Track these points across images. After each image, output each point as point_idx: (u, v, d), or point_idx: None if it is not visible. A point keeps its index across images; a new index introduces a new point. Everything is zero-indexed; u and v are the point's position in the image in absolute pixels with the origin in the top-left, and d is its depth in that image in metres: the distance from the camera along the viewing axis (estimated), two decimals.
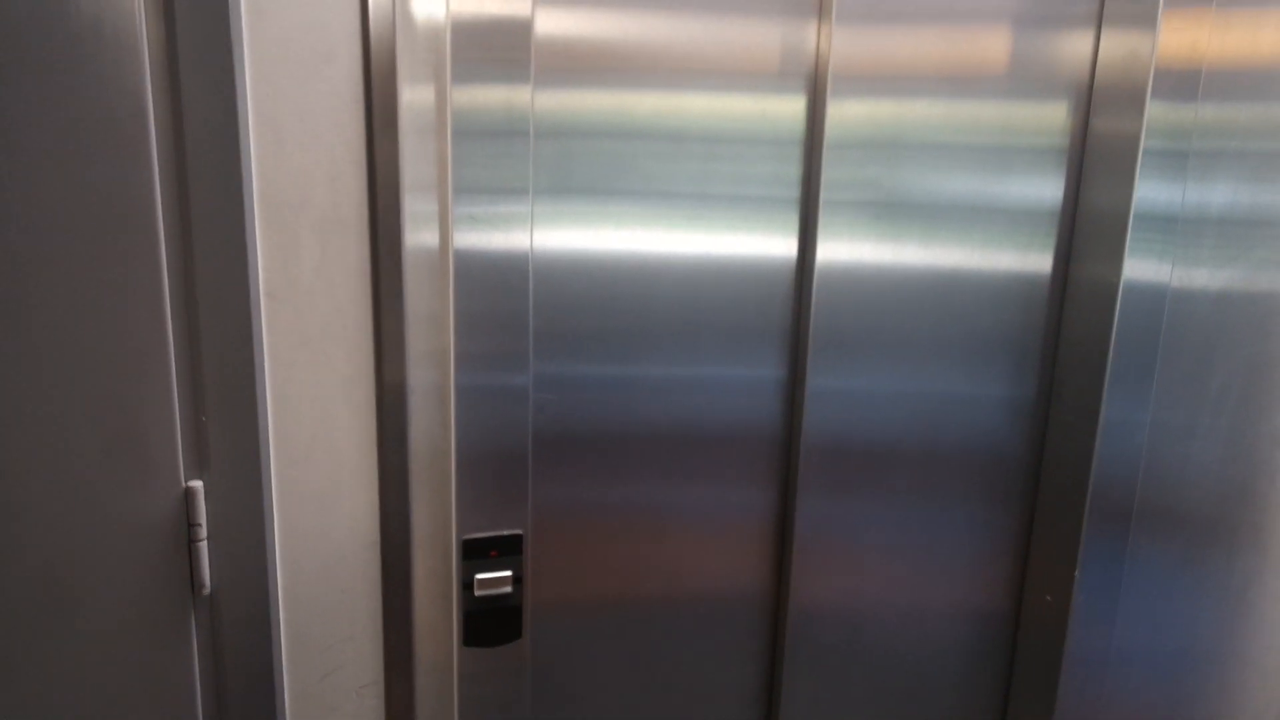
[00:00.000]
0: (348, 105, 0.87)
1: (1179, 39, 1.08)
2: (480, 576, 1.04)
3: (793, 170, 1.11)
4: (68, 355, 0.84)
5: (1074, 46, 1.13)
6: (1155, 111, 1.09)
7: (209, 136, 0.83)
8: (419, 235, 0.96)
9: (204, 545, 0.94)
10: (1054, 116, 1.15)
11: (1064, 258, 1.19)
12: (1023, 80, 1.13)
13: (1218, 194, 1.15)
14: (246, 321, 0.88)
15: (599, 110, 1.03)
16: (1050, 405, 1.23)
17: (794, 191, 1.11)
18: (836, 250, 1.12)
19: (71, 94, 0.79)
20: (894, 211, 1.13)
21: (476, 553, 1.04)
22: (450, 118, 0.94)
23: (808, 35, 1.08)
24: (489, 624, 1.07)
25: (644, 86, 1.04)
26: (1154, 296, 1.14)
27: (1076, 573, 1.19)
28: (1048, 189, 1.16)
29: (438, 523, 1.03)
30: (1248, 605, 1.29)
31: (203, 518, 0.93)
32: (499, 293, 1.00)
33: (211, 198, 0.84)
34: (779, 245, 1.12)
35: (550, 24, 0.99)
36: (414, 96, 0.93)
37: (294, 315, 0.90)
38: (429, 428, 1.00)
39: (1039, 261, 1.19)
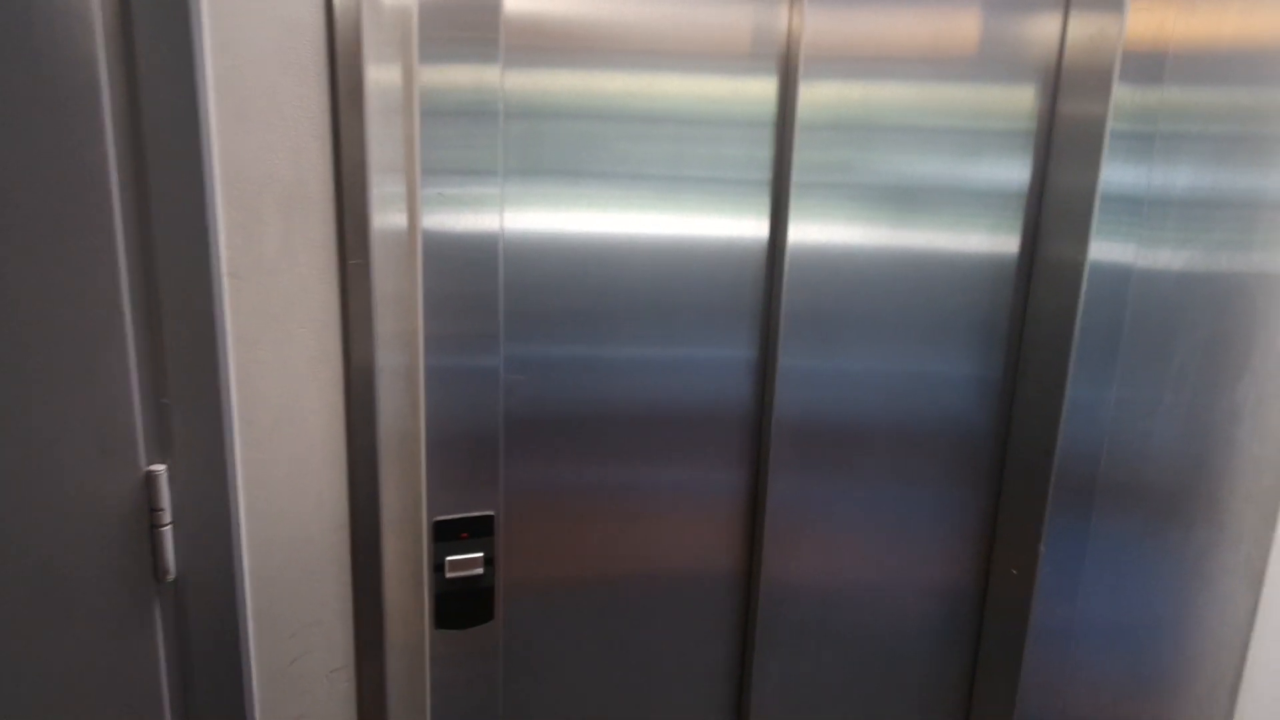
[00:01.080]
0: (312, 80, 0.85)
1: (1145, 22, 1.09)
2: (451, 558, 1.04)
3: (765, 152, 1.11)
4: (19, 339, 0.82)
5: (1042, 29, 1.14)
6: (1122, 94, 1.10)
7: (167, 110, 0.81)
8: (387, 214, 0.94)
9: (167, 531, 0.92)
10: (1022, 99, 1.16)
11: (1031, 238, 1.20)
12: (992, 63, 1.13)
13: (1181, 176, 1.17)
14: (208, 300, 0.86)
15: (570, 90, 1.02)
16: (1017, 384, 1.24)
17: (766, 173, 1.11)
18: (808, 231, 1.13)
19: (18, 67, 0.76)
20: (865, 193, 1.13)
21: (447, 534, 1.03)
22: (418, 96, 0.93)
23: (779, 16, 1.07)
24: (461, 606, 1.06)
25: (615, 67, 1.03)
26: (1119, 277, 1.16)
27: (1041, 547, 1.22)
28: (1016, 171, 1.17)
29: (408, 504, 1.02)
30: (1204, 577, 1.32)
31: (165, 502, 0.91)
32: (468, 273, 0.99)
33: (170, 173, 0.82)
34: (751, 227, 1.12)
35: (520, 2, 0.98)
36: (380, 74, 0.91)
37: (258, 294, 0.89)
38: (398, 408, 0.99)
39: (1007, 242, 1.20)
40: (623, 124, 1.05)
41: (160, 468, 0.90)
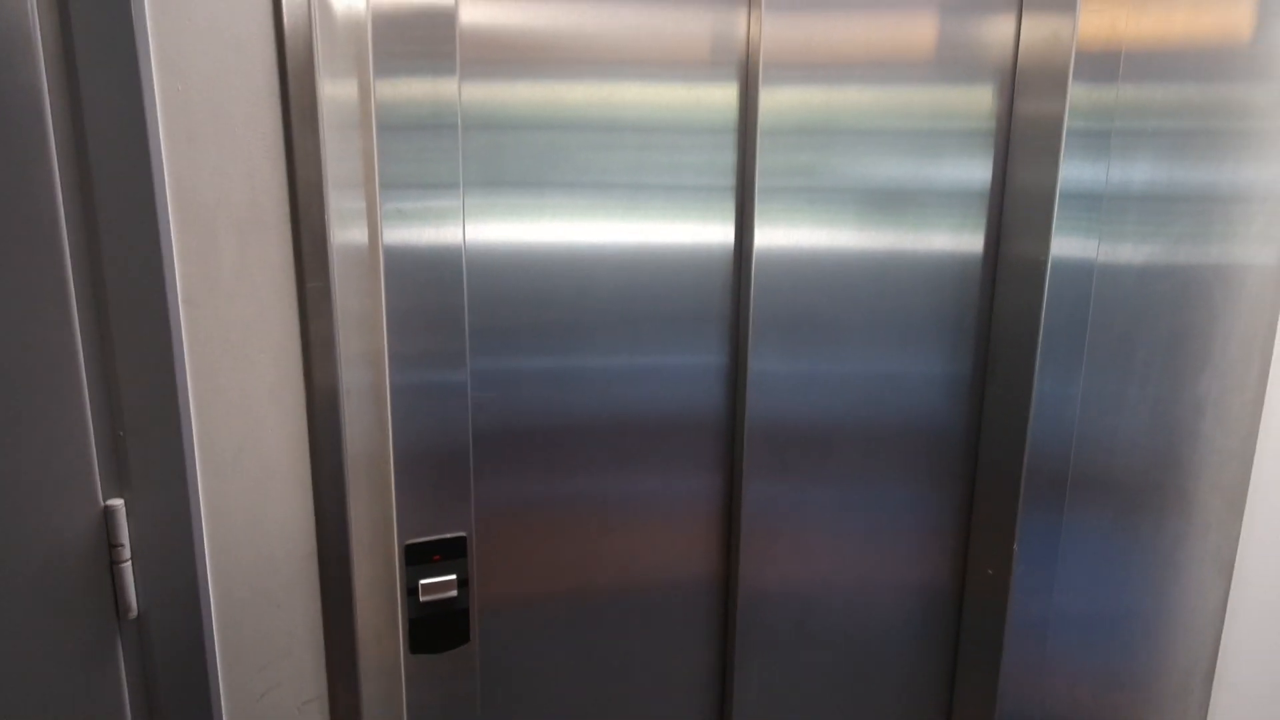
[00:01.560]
0: (263, 99, 0.84)
1: (1098, 22, 1.10)
2: (424, 582, 1.02)
3: (727, 158, 1.10)
4: None
5: (997, 31, 1.15)
6: (1077, 93, 1.11)
7: (114, 134, 0.78)
8: (346, 232, 0.93)
9: (128, 566, 0.89)
10: (980, 100, 1.17)
11: (995, 237, 1.21)
12: (949, 65, 1.14)
13: (1139, 172, 1.18)
14: (164, 328, 0.84)
15: (529, 101, 1.01)
16: (986, 382, 1.25)
17: (729, 179, 1.11)
18: (773, 236, 1.12)
19: None
20: (829, 196, 1.14)
21: (419, 557, 1.02)
22: (375, 111, 0.91)
23: (738, 23, 1.07)
24: (436, 630, 1.04)
25: (574, 76, 1.02)
26: (1081, 273, 1.17)
27: (1015, 546, 1.22)
28: (977, 170, 1.18)
29: (378, 528, 1.00)
30: (1176, 567, 1.34)
31: (125, 537, 0.88)
32: (432, 289, 0.97)
33: (120, 199, 0.80)
34: (716, 233, 1.12)
35: (476, 14, 0.97)
36: (335, 90, 0.89)
37: (215, 320, 0.86)
38: (365, 430, 0.97)
39: (971, 241, 1.20)
40: (584, 133, 1.04)
41: (118, 502, 0.88)
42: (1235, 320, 1.27)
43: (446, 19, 0.92)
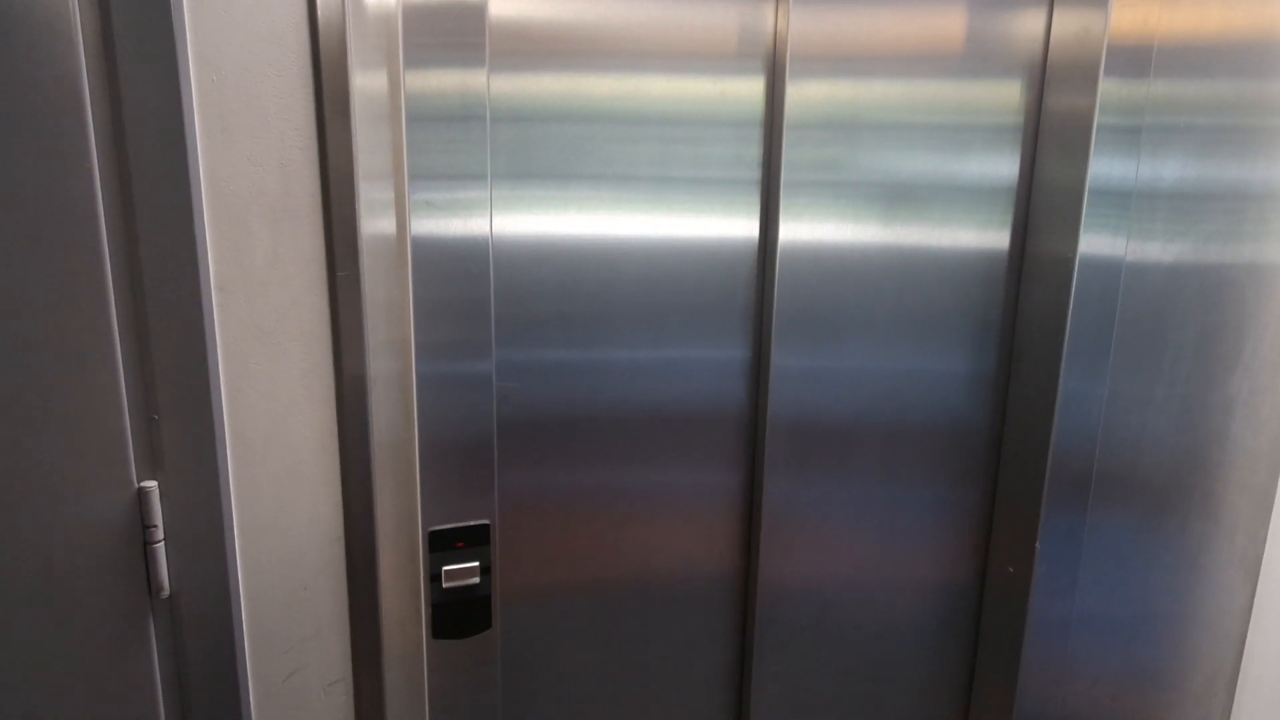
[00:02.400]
0: (297, 90, 0.85)
1: (1130, 16, 1.09)
2: (448, 568, 1.03)
3: (753, 151, 1.10)
4: (7, 358, 0.81)
5: (1028, 24, 1.14)
6: (1108, 88, 1.10)
7: (151, 125, 0.80)
8: (375, 223, 0.94)
9: (161, 547, 0.91)
10: (1009, 94, 1.16)
11: (1021, 233, 1.20)
12: (978, 59, 1.13)
13: (1169, 169, 1.17)
14: (198, 315, 0.85)
15: (557, 94, 1.02)
16: (1010, 379, 1.24)
17: (755, 172, 1.11)
18: (798, 230, 1.12)
19: (1, 86, 0.76)
20: (854, 191, 1.13)
21: (443, 544, 1.03)
22: (404, 103, 0.92)
23: (766, 16, 1.07)
24: (458, 615, 1.06)
25: (602, 69, 1.02)
26: (1109, 270, 1.16)
27: (1037, 544, 1.22)
28: (1004, 166, 1.17)
29: (403, 515, 1.01)
30: (1201, 570, 1.32)
31: (159, 519, 0.90)
32: (459, 280, 0.98)
33: (156, 189, 0.81)
34: (741, 226, 1.12)
35: (506, 6, 0.97)
36: (366, 81, 0.90)
37: (247, 308, 0.88)
38: (391, 419, 0.98)
39: (997, 238, 1.20)
40: (611, 126, 1.04)
41: (152, 484, 0.90)
42: (1267, 320, 1.25)
43: (476, 11, 0.93)
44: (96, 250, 0.81)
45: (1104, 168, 1.12)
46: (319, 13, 0.84)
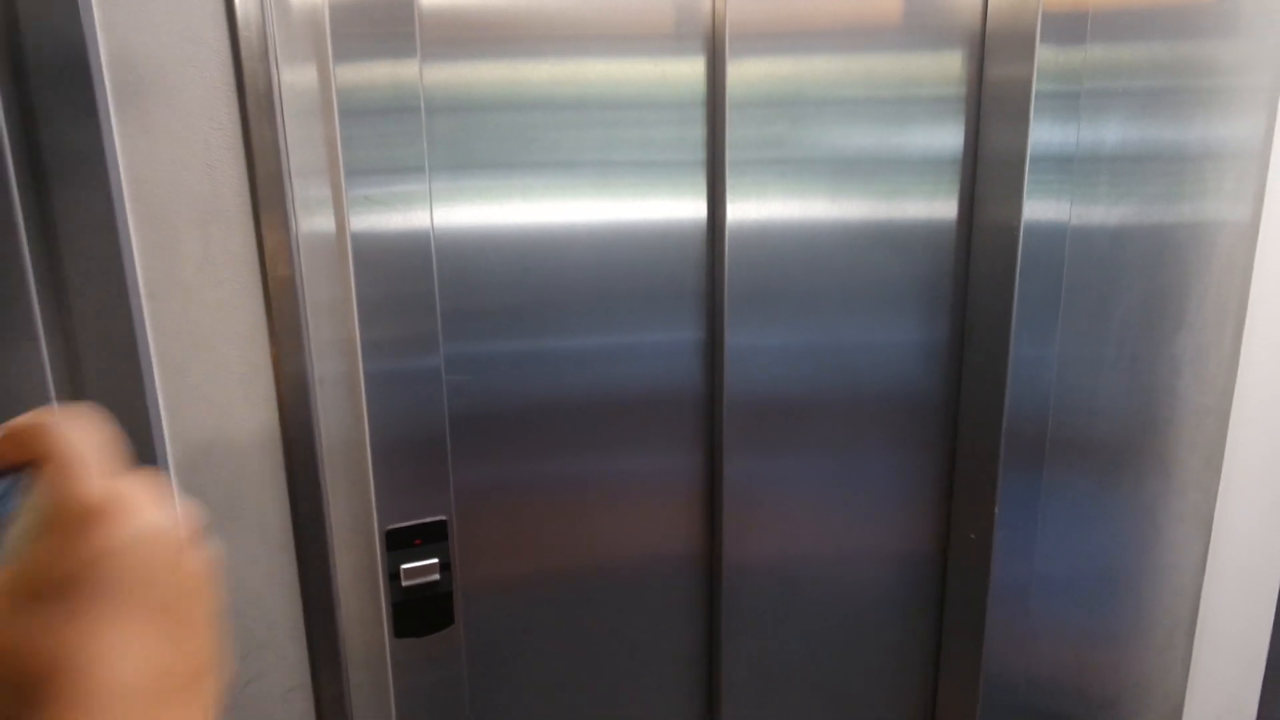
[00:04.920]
0: (219, 89, 0.83)
1: None
2: (406, 566, 1.02)
3: (697, 132, 1.10)
4: None
5: None
6: (1045, 55, 1.10)
7: (67, 130, 0.78)
8: (312, 221, 0.92)
9: None
10: (950, 65, 1.16)
11: (968, 203, 1.21)
12: (917, 31, 1.13)
13: (1110, 133, 1.18)
14: (129, 326, 0.83)
15: (494, 82, 1.00)
16: (963, 348, 1.25)
17: (700, 153, 1.11)
18: (746, 209, 1.12)
19: None
20: (801, 167, 1.13)
21: (400, 543, 1.02)
22: (336, 97, 0.90)
23: None
24: (419, 613, 1.05)
25: (539, 55, 1.01)
26: (1054, 236, 1.17)
27: (996, 510, 1.23)
28: (948, 136, 1.18)
29: (357, 515, 1.00)
30: (1156, 527, 1.35)
31: None
32: (402, 275, 0.97)
33: (76, 197, 0.79)
34: (689, 208, 1.12)
35: None
36: (294, 77, 0.88)
37: (180, 315, 0.86)
38: (340, 419, 0.97)
39: (944, 208, 1.20)
40: (551, 112, 1.03)
41: None
42: (1209, 278, 1.27)
43: (404, 2, 0.91)
44: (19, 265, 0.78)
45: (1045, 134, 1.13)
46: (237, 8, 0.82)
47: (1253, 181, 1.25)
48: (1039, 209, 1.15)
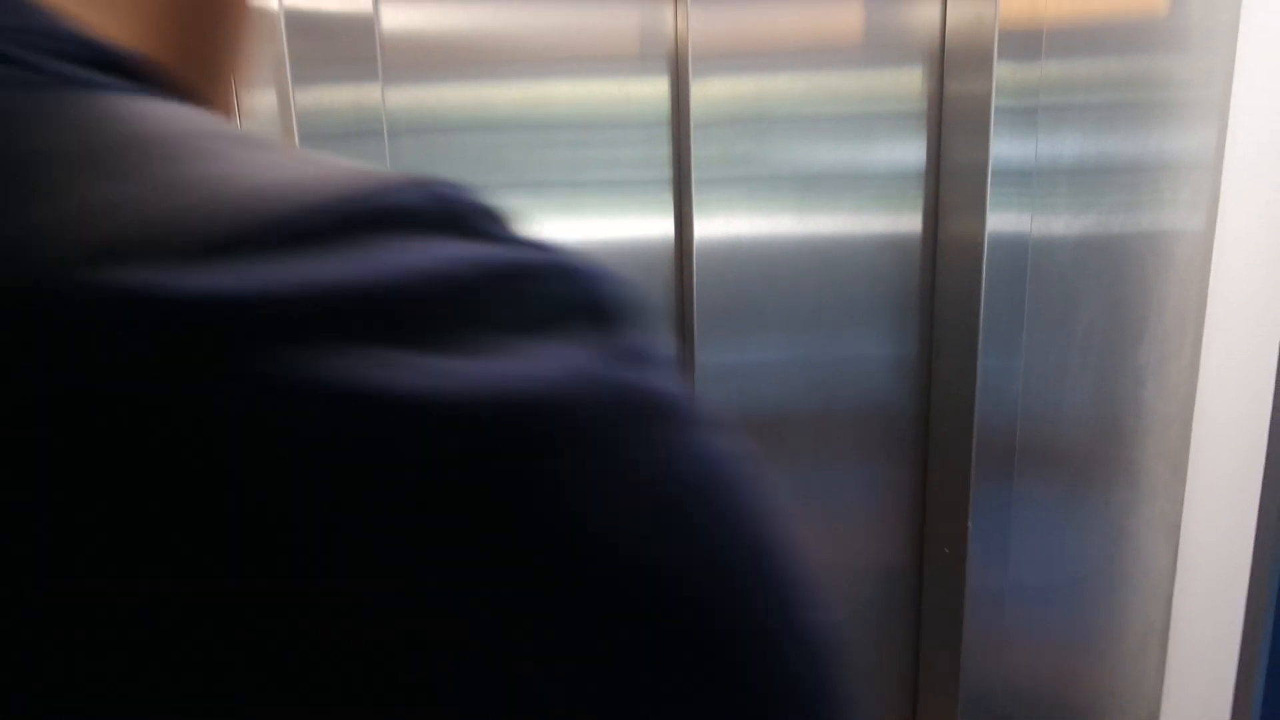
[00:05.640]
0: None
1: (1019, 2, 1.12)
2: None
3: (663, 151, 1.11)
4: None
5: (924, 14, 1.16)
6: (1003, 71, 1.12)
7: None
8: None
9: None
10: (911, 81, 1.18)
11: (933, 217, 1.22)
12: (878, 48, 1.15)
13: (1068, 146, 1.20)
14: None
15: (458, 104, 1.00)
16: (932, 361, 1.26)
17: (666, 172, 1.11)
18: (713, 227, 1.13)
19: None
20: (767, 184, 1.14)
21: None
22: (296, 122, 0.90)
23: (665, 16, 1.07)
24: None
25: (503, 77, 1.01)
26: (1017, 248, 1.19)
27: (969, 523, 1.24)
28: (911, 152, 1.19)
29: None
30: (1126, 534, 1.36)
31: None
32: None
33: None
34: (656, 226, 1.12)
35: (398, 18, 0.96)
36: (254, 101, 0.88)
37: None
38: None
39: (910, 222, 1.22)
40: (517, 134, 1.03)
41: None
42: (1168, 287, 1.29)
43: (364, 25, 0.91)
44: None
45: (1005, 148, 1.15)
46: None
47: (1206, 191, 1.27)
48: (1002, 222, 1.17)
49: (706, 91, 1.09)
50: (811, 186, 1.16)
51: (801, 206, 1.16)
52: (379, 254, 0.17)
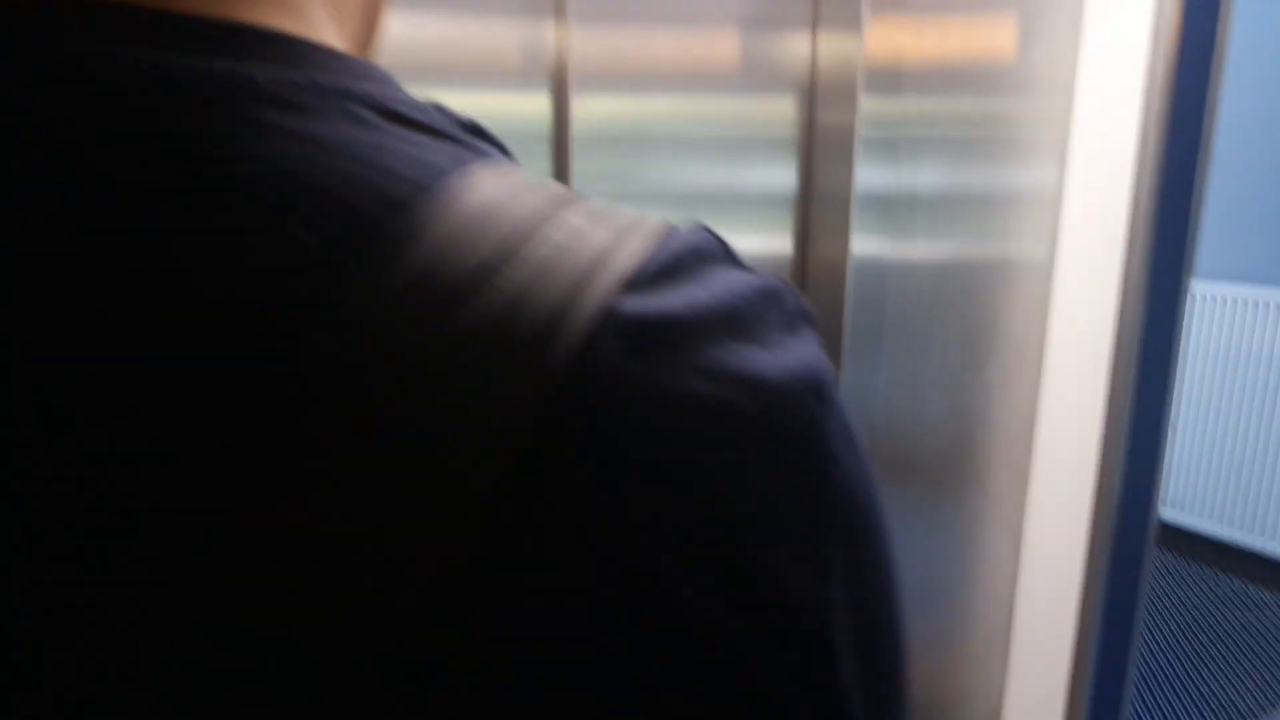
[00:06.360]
0: None
1: (882, 41, 1.20)
2: None
3: (543, 165, 1.12)
4: None
5: (795, 48, 1.22)
6: (867, 105, 1.20)
7: None
8: None
9: None
10: (785, 110, 1.24)
11: (804, 240, 1.29)
12: (753, 77, 1.21)
13: (926, 177, 1.29)
14: None
15: None
16: None
17: None
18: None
19: None
20: (645, 204, 1.18)
21: None
22: None
23: (547, 35, 1.09)
24: None
25: None
26: (878, 270, 1.27)
27: None
28: (784, 176, 1.25)
29: None
30: (974, 541, 1.46)
31: None
32: None
33: None
34: None
35: None
36: None
37: None
38: None
39: (781, 244, 1.28)
40: None
41: None
42: (1015, 312, 1.40)
43: None
44: None
45: (868, 177, 1.22)
46: None
47: (1048, 224, 1.39)
48: (865, 246, 1.24)
49: (587, 109, 1.12)
50: (688, 207, 1.20)
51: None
52: (710, 282, 0.25)
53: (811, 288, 1.29)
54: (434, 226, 0.23)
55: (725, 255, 0.28)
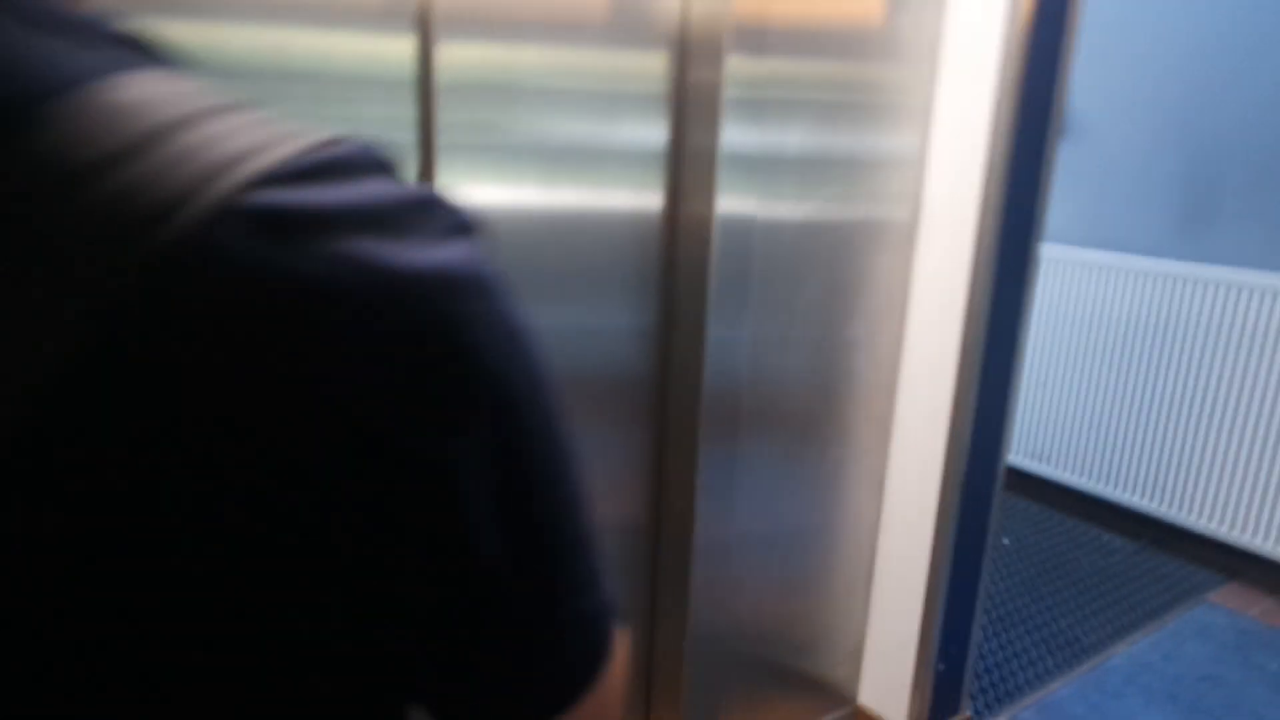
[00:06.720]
0: None
1: (751, 2, 1.21)
2: None
3: (408, 112, 1.10)
4: None
5: (666, 2, 1.22)
6: (734, 64, 1.21)
7: None
8: None
9: None
10: (656, 65, 1.24)
11: (674, 195, 1.30)
12: (624, 30, 1.20)
13: (792, 138, 1.31)
14: None
15: (182, 43, 0.95)
16: (669, 332, 1.35)
17: (412, 134, 1.11)
18: (459, 193, 1.14)
19: None
20: (513, 154, 1.17)
21: None
22: None
23: None
24: None
25: (233, 17, 0.97)
26: (744, 228, 1.29)
27: (697, 479, 1.35)
28: (655, 132, 1.26)
29: None
30: (838, 489, 1.53)
31: None
32: None
33: None
34: None
35: None
36: None
37: None
38: None
39: (652, 199, 1.29)
40: (251, 82, 1.00)
41: None
42: (879, 270, 1.46)
43: None
44: None
45: (734, 135, 1.24)
46: None
47: (912, 187, 1.44)
48: (730, 203, 1.27)
49: (453, 55, 1.10)
50: (558, 159, 1.20)
51: (548, 178, 1.20)
52: (359, 186, 0.28)
53: (680, 246, 1.31)
54: (69, 119, 0.25)
55: (386, 169, 0.30)
